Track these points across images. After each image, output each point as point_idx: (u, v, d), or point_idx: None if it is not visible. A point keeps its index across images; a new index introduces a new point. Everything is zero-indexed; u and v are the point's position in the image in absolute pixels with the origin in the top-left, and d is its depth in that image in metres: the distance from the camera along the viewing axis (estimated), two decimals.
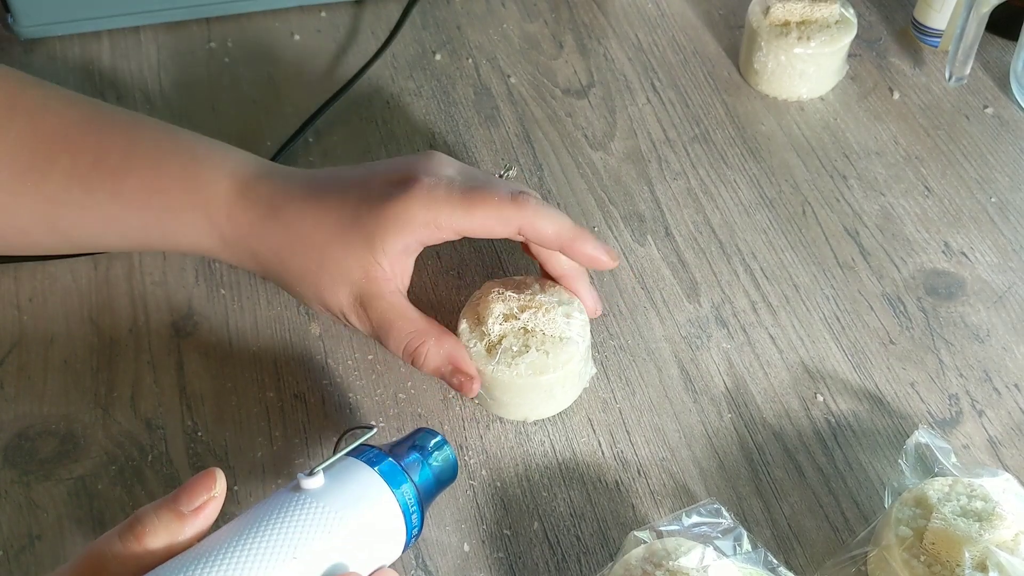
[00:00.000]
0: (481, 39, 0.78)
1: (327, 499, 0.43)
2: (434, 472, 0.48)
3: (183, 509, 0.40)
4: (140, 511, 0.40)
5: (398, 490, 0.45)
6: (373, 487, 0.45)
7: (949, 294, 0.63)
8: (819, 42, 0.71)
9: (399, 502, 0.45)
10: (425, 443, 0.49)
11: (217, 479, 0.41)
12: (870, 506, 0.54)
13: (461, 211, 0.52)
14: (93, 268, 0.64)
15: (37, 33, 0.77)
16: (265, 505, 0.43)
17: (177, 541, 0.40)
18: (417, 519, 0.46)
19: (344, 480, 0.44)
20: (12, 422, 0.57)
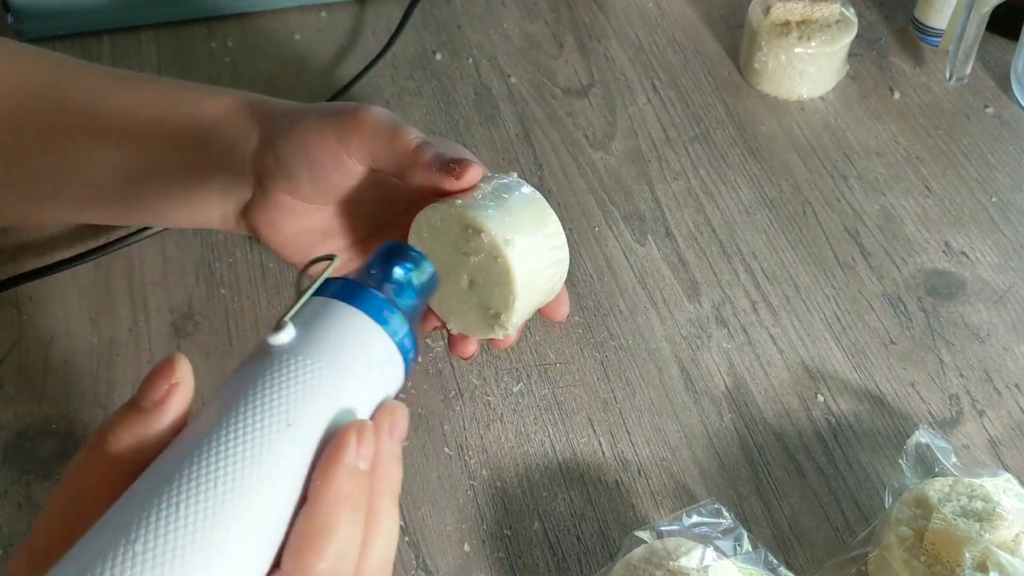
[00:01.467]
0: (481, 39, 0.78)
1: (304, 351, 0.36)
2: (417, 290, 0.41)
3: (144, 404, 0.35)
4: (106, 419, 0.36)
5: (383, 320, 0.38)
6: (354, 324, 0.38)
7: (950, 294, 0.63)
8: (819, 42, 0.71)
9: (388, 332, 0.38)
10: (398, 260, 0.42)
11: (178, 364, 0.35)
12: (870, 506, 0.54)
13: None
14: (93, 268, 0.64)
15: (37, 33, 0.77)
16: (238, 379, 0.36)
17: (146, 440, 0.35)
18: (411, 343, 0.39)
19: (319, 325, 0.37)
20: (12, 422, 0.57)
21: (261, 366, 0.36)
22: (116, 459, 0.35)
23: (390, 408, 0.37)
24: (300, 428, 0.34)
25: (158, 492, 0.32)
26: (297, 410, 0.34)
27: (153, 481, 0.33)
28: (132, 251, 0.64)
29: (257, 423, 0.34)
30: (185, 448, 0.33)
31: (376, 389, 0.38)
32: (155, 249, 0.65)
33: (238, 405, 0.34)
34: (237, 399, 0.35)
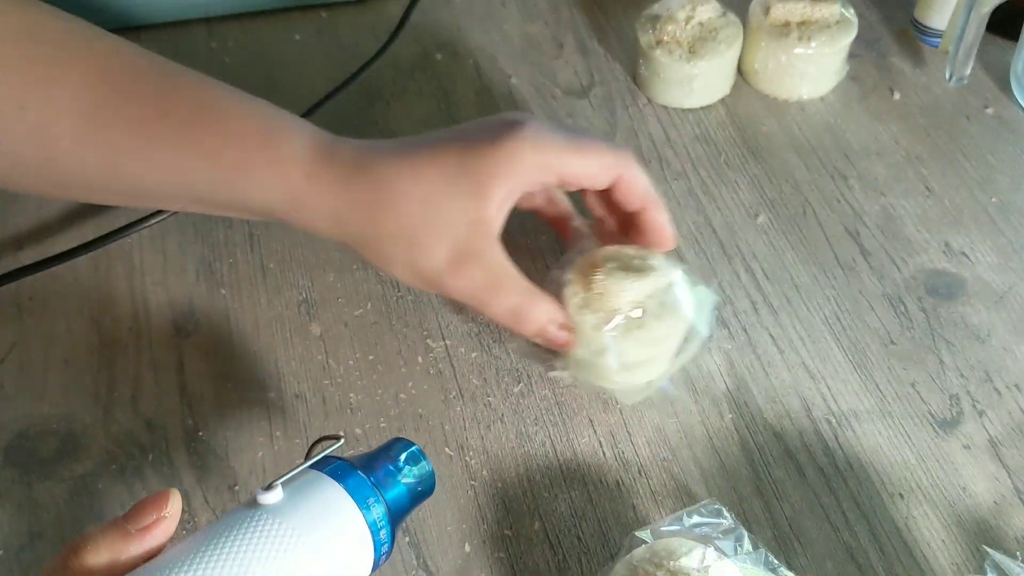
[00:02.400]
0: (482, 40, 0.78)
1: (285, 515, 0.39)
2: (408, 487, 0.45)
3: (130, 528, 0.38)
4: (88, 531, 0.38)
5: (365, 506, 0.42)
6: (337, 503, 0.41)
7: (950, 294, 0.63)
8: (819, 42, 0.71)
9: (367, 520, 0.42)
10: (399, 455, 0.45)
11: (170, 500, 0.39)
12: (870, 506, 0.54)
13: (568, 153, 0.52)
14: (94, 267, 0.64)
15: None
16: (220, 523, 0.40)
17: (120, 560, 0.38)
18: (387, 536, 0.43)
19: (306, 495, 0.41)
20: (13, 421, 0.57)
21: (243, 517, 0.39)
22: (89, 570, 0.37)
23: None
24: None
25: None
26: (257, 566, 0.38)
27: None
28: (133, 251, 0.65)
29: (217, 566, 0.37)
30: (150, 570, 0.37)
31: (339, 572, 0.40)
32: (156, 249, 0.65)
33: (209, 546, 0.38)
34: (211, 540, 0.38)
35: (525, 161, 0.50)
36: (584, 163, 0.52)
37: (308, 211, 0.52)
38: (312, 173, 0.51)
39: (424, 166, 0.51)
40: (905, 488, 0.54)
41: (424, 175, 0.51)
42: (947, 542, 0.52)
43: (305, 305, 0.62)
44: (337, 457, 0.43)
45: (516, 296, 0.52)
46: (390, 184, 0.51)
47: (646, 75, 0.73)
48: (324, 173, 0.51)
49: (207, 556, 0.37)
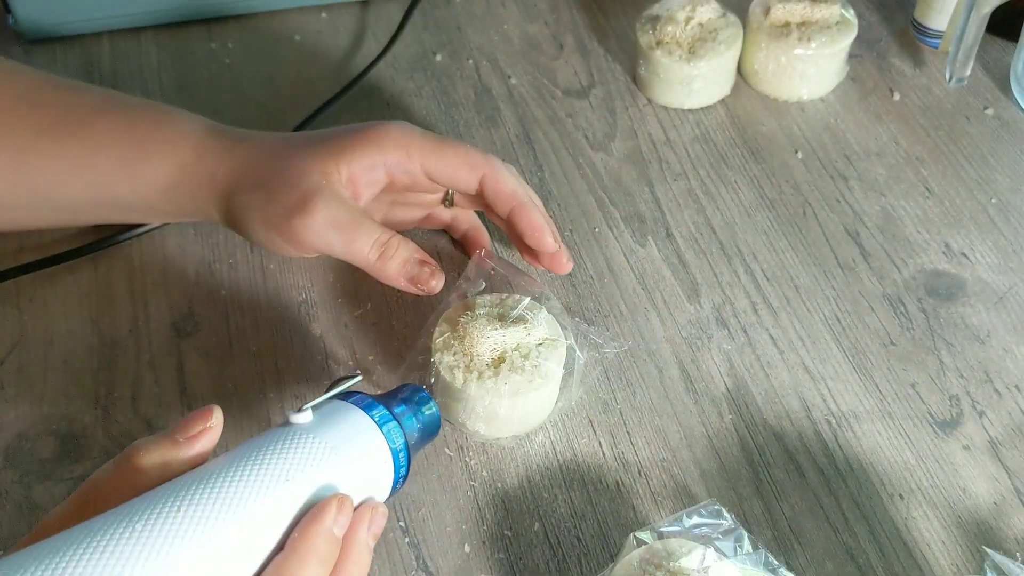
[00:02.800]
0: (481, 40, 0.78)
1: (317, 432, 0.43)
2: (420, 421, 0.49)
3: (178, 437, 0.41)
4: (137, 441, 0.41)
5: (385, 430, 0.46)
6: (362, 426, 0.45)
7: (949, 295, 0.63)
8: (819, 43, 0.71)
9: (387, 440, 0.46)
10: (412, 395, 0.50)
11: (214, 412, 0.42)
12: (870, 506, 0.54)
13: (432, 147, 0.55)
14: (93, 268, 0.64)
15: (37, 34, 0.77)
16: (258, 438, 0.43)
17: (172, 464, 0.41)
18: (405, 460, 0.47)
19: (334, 419, 0.45)
20: (12, 422, 0.57)
21: (279, 433, 0.43)
22: (140, 470, 0.40)
23: (373, 505, 0.43)
24: (294, 486, 0.41)
25: (167, 497, 0.38)
26: (296, 472, 0.41)
27: (165, 490, 0.39)
28: (132, 252, 0.65)
29: (262, 471, 0.41)
30: (200, 473, 0.40)
31: (366, 483, 0.45)
32: (155, 250, 0.65)
33: (251, 455, 0.41)
34: (252, 451, 0.42)
35: (389, 138, 0.54)
36: (447, 157, 0.55)
37: (192, 182, 0.55)
38: (199, 146, 0.56)
39: (294, 136, 0.56)
40: (905, 489, 0.54)
41: (290, 139, 0.55)
42: (947, 543, 0.52)
43: (305, 305, 0.62)
44: (358, 392, 0.48)
45: (378, 231, 0.54)
46: (258, 147, 0.55)
47: (646, 76, 0.73)
48: (209, 145, 0.56)
49: (251, 462, 0.41)
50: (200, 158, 0.55)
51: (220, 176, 0.55)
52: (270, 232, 0.54)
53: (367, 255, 0.54)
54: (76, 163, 0.56)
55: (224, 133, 0.57)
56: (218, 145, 0.56)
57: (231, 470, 0.40)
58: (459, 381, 0.53)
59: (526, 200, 0.57)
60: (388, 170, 0.55)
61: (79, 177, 0.56)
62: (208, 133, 0.56)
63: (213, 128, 0.57)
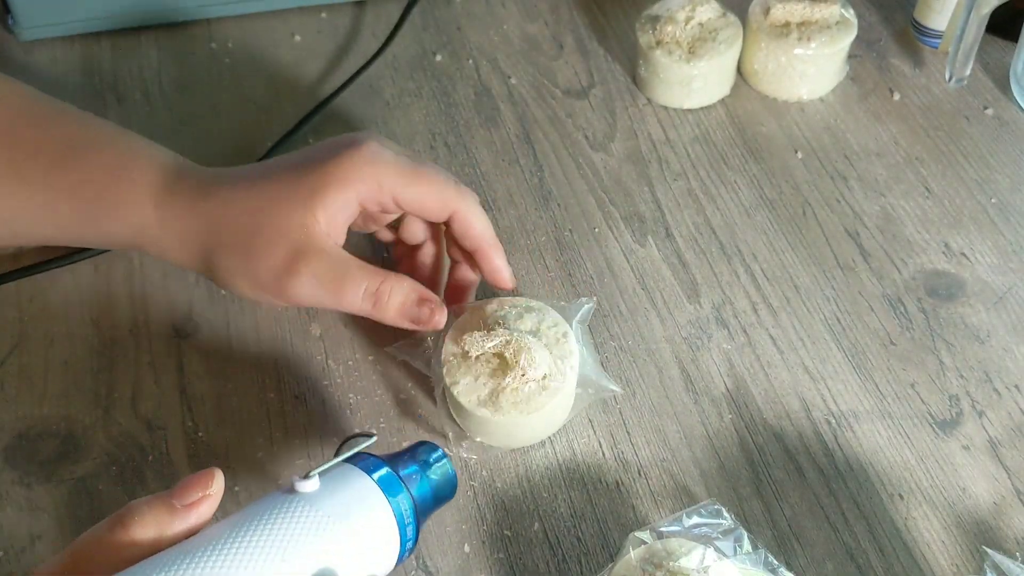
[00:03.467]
0: (481, 40, 0.78)
1: (320, 503, 0.42)
2: (432, 486, 0.47)
3: (176, 503, 0.40)
4: (132, 503, 0.40)
5: (394, 500, 0.44)
6: (369, 495, 0.44)
7: (949, 295, 0.63)
8: (819, 43, 0.71)
9: (394, 513, 0.44)
10: (425, 457, 0.48)
11: (215, 478, 0.41)
12: (870, 506, 0.54)
13: (405, 179, 0.53)
14: (93, 269, 0.64)
15: (37, 34, 0.77)
16: (258, 505, 0.42)
17: (166, 535, 0.39)
18: (412, 532, 0.45)
19: (340, 486, 0.43)
20: (13, 423, 0.57)
21: (281, 501, 0.42)
22: (134, 540, 0.39)
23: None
24: (291, 563, 0.40)
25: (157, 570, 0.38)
26: (294, 548, 0.40)
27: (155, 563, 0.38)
28: (132, 253, 0.64)
29: (258, 544, 0.39)
30: (194, 546, 0.39)
31: (367, 558, 0.43)
32: None
33: (249, 525, 0.40)
34: (250, 520, 0.40)
35: (359, 174, 0.52)
36: (419, 190, 0.53)
37: (159, 240, 0.54)
38: (160, 203, 0.54)
39: (260, 181, 0.53)
40: (905, 489, 0.54)
41: (259, 188, 0.53)
42: (947, 543, 0.52)
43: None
44: (369, 453, 0.46)
45: (367, 278, 0.52)
46: (227, 202, 0.53)
47: (646, 76, 0.73)
48: (171, 202, 0.53)
49: (248, 536, 0.40)
50: (160, 220, 0.54)
51: (190, 239, 0.53)
52: (257, 291, 0.53)
53: (360, 306, 0.53)
54: (43, 208, 0.55)
55: (184, 183, 0.54)
56: (180, 203, 0.53)
57: (226, 544, 0.39)
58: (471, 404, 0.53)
59: (493, 242, 0.56)
60: (361, 202, 0.53)
61: (47, 222, 0.56)
62: (166, 185, 0.54)
63: (174, 175, 0.54)
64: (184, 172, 0.55)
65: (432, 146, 0.71)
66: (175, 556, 0.38)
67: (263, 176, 0.54)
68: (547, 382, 0.53)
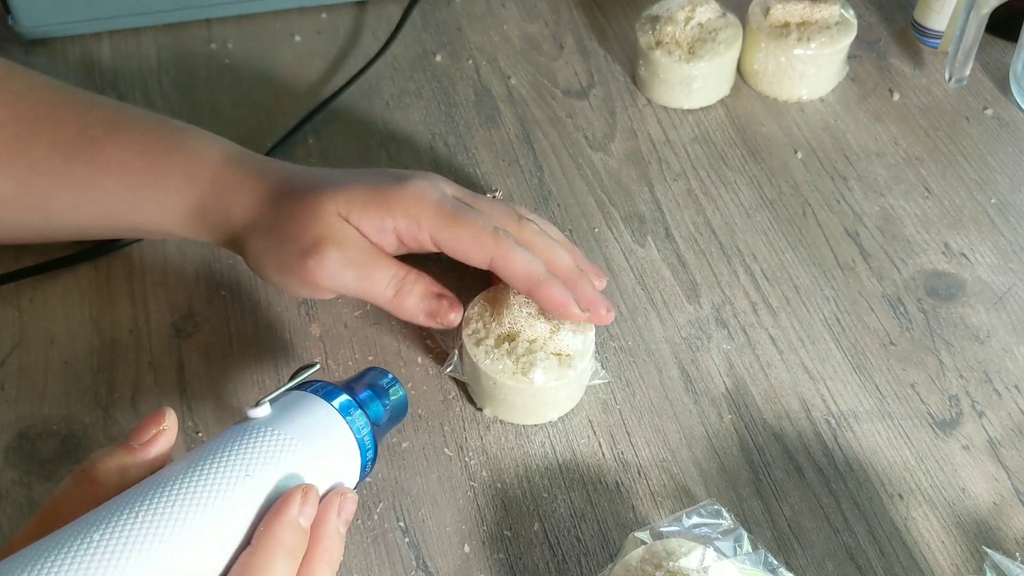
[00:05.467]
0: (481, 40, 0.78)
1: (276, 424, 0.43)
2: (385, 406, 0.49)
3: (132, 444, 0.41)
4: (92, 454, 0.41)
5: (349, 418, 0.46)
6: (324, 415, 0.45)
7: (949, 295, 0.63)
8: (819, 43, 0.71)
9: (351, 428, 0.45)
10: (376, 379, 0.50)
11: (167, 415, 0.42)
12: (870, 506, 0.54)
13: (444, 223, 0.53)
14: (94, 269, 0.64)
15: (37, 34, 0.77)
16: (216, 438, 0.43)
17: (128, 472, 0.40)
18: (371, 444, 0.46)
19: (294, 410, 0.44)
20: (13, 422, 0.57)
21: (237, 430, 0.43)
22: (99, 482, 0.40)
23: (342, 492, 0.43)
24: (255, 480, 0.40)
25: (125, 505, 0.38)
26: (256, 466, 0.41)
27: (123, 498, 0.39)
28: (132, 252, 0.65)
29: (221, 469, 0.40)
30: (158, 478, 0.40)
31: (331, 472, 0.44)
32: (156, 250, 0.65)
33: (209, 454, 0.41)
34: (210, 450, 0.41)
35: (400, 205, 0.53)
36: (456, 234, 0.53)
37: (209, 212, 0.55)
38: (217, 177, 0.54)
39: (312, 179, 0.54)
40: (905, 489, 0.54)
41: (308, 183, 0.54)
42: (946, 543, 0.52)
43: (305, 306, 0.62)
44: (317, 380, 0.47)
45: (394, 267, 0.54)
46: (276, 186, 0.54)
47: (645, 76, 0.73)
48: (228, 179, 0.54)
49: (208, 461, 0.40)
50: (216, 192, 0.54)
51: (236, 213, 0.54)
52: (283, 275, 0.54)
53: (383, 292, 0.54)
54: (85, 185, 0.55)
55: (241, 163, 0.55)
56: (235, 179, 0.54)
57: (188, 472, 0.40)
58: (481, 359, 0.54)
59: (543, 278, 0.54)
60: (397, 233, 0.54)
61: (91, 202, 0.56)
62: (225, 163, 0.55)
63: (230, 156, 0.55)
64: (245, 153, 0.56)
65: (432, 146, 0.71)
66: (140, 489, 0.39)
67: (316, 174, 0.55)
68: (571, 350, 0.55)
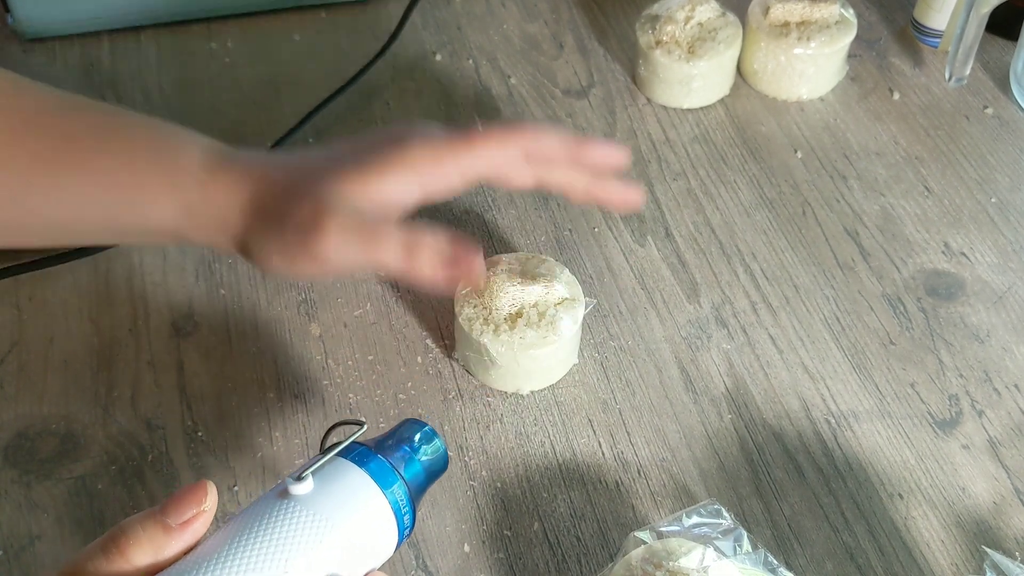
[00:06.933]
0: (481, 40, 0.78)
1: (316, 505, 0.41)
2: (424, 466, 0.46)
3: (170, 522, 0.39)
4: (125, 522, 0.39)
5: (389, 490, 0.43)
6: (363, 489, 0.43)
7: (949, 294, 0.63)
8: (819, 42, 0.71)
9: (390, 503, 0.43)
10: (412, 435, 0.47)
11: (208, 492, 0.40)
12: (870, 506, 0.54)
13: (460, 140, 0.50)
14: (93, 268, 0.64)
15: (37, 33, 0.77)
16: (252, 513, 0.41)
17: (162, 556, 0.38)
18: (409, 518, 0.45)
19: (333, 483, 0.42)
20: (12, 422, 0.57)
21: (277, 507, 0.41)
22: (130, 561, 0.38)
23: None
24: (293, 572, 0.39)
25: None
26: (296, 557, 0.39)
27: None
28: (132, 252, 0.65)
29: (260, 559, 0.38)
30: (194, 563, 0.38)
31: (368, 551, 0.42)
32: (155, 249, 0.65)
33: (248, 536, 0.39)
34: (249, 530, 0.39)
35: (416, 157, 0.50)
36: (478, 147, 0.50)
37: (203, 221, 0.52)
38: (204, 182, 0.51)
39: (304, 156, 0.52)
40: (904, 488, 0.54)
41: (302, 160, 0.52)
42: (946, 542, 0.52)
43: (304, 305, 0.62)
44: (359, 443, 0.45)
45: (401, 231, 0.48)
46: (270, 174, 0.51)
47: (645, 75, 0.73)
48: (216, 181, 0.51)
49: (248, 549, 0.39)
50: (206, 198, 0.51)
51: (232, 217, 0.51)
52: (289, 259, 0.50)
53: (394, 256, 0.48)
54: (77, 196, 0.53)
55: (231, 162, 0.52)
56: (226, 180, 0.51)
57: (226, 562, 0.38)
58: (476, 332, 0.55)
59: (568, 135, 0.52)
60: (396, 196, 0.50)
61: (84, 210, 0.53)
62: (214, 165, 0.52)
63: (218, 157, 0.53)
64: (230, 152, 0.53)
65: None
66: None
67: (304, 155, 0.53)
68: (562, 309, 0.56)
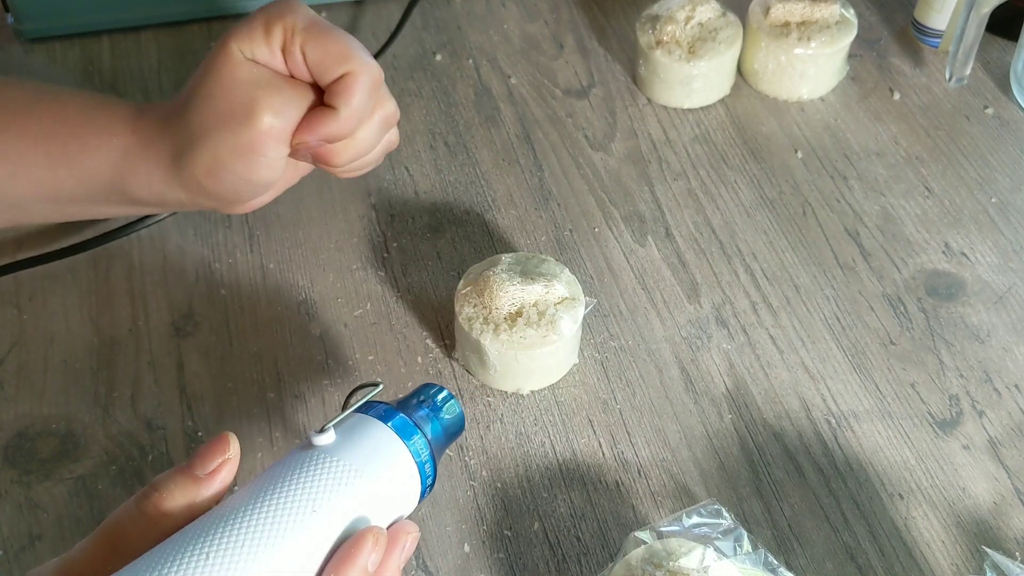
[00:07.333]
0: (481, 39, 0.78)
1: (341, 454, 0.42)
2: (443, 425, 0.48)
3: (198, 473, 0.41)
4: (156, 478, 0.41)
5: (411, 443, 0.45)
6: (386, 442, 0.44)
7: (949, 295, 0.63)
8: (819, 43, 0.71)
9: (413, 455, 0.45)
10: (433, 397, 0.49)
11: (231, 442, 0.42)
12: (870, 506, 0.54)
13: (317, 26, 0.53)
14: (93, 267, 0.64)
15: (37, 33, 0.77)
16: (281, 465, 0.42)
17: (195, 503, 0.40)
18: (431, 470, 0.46)
19: (356, 436, 0.44)
20: (12, 422, 0.57)
21: (302, 457, 0.42)
22: (165, 515, 0.39)
23: (408, 528, 0.43)
24: (323, 516, 0.40)
25: (194, 542, 0.38)
26: (323, 500, 0.40)
27: (191, 533, 0.38)
28: (132, 251, 0.65)
29: (288, 502, 0.40)
30: (225, 511, 0.39)
31: (395, 503, 0.44)
32: (155, 249, 0.65)
33: (276, 484, 0.40)
34: (276, 480, 0.41)
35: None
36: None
37: (142, 164, 0.53)
38: (137, 128, 0.53)
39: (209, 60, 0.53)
40: (905, 489, 0.54)
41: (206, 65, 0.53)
42: (946, 543, 0.52)
43: (305, 305, 0.62)
44: (378, 401, 0.46)
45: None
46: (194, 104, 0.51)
47: (646, 75, 0.73)
48: (149, 124, 0.53)
49: (276, 494, 0.40)
50: (141, 140, 0.53)
51: (167, 153, 0.52)
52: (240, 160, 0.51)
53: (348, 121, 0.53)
54: (13, 159, 0.54)
55: (159, 107, 0.54)
56: (155, 121, 0.53)
57: (255, 507, 0.39)
58: (476, 332, 0.55)
59: None
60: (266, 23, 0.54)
61: (19, 174, 0.54)
62: (144, 111, 0.54)
63: (149, 106, 0.54)
64: (158, 103, 0.55)
65: (432, 146, 0.71)
66: (209, 525, 0.39)
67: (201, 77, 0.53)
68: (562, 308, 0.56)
